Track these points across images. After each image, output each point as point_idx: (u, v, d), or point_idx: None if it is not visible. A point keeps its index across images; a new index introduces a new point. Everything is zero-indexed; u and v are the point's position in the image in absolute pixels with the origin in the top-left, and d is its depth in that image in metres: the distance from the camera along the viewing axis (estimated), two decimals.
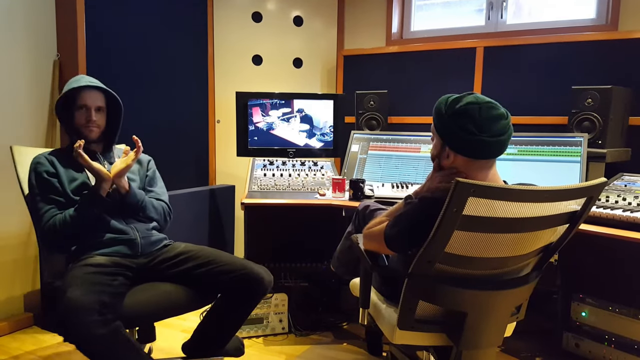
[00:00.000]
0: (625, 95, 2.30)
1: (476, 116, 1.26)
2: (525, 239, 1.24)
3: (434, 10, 3.32)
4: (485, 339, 1.34)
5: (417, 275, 1.25)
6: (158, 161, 2.04)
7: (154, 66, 2.88)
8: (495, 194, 1.12)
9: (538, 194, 1.14)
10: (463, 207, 1.10)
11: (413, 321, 1.32)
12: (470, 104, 1.28)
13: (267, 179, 2.59)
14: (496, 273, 1.30)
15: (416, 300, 1.30)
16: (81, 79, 1.74)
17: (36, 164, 1.65)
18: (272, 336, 2.34)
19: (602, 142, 2.19)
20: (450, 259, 1.22)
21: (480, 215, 1.13)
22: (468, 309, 1.27)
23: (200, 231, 2.96)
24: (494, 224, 1.17)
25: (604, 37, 2.47)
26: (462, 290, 1.26)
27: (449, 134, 1.31)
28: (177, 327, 2.41)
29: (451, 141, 1.31)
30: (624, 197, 1.86)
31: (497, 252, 1.23)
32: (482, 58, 2.76)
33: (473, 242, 1.20)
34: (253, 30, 3.27)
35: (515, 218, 1.16)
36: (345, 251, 1.98)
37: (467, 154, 1.30)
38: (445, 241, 1.17)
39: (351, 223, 2.01)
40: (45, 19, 2.42)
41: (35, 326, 2.39)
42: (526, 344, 2.19)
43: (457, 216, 1.11)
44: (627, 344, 1.89)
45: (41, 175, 1.64)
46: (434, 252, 1.19)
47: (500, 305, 1.34)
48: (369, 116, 2.92)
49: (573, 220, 1.28)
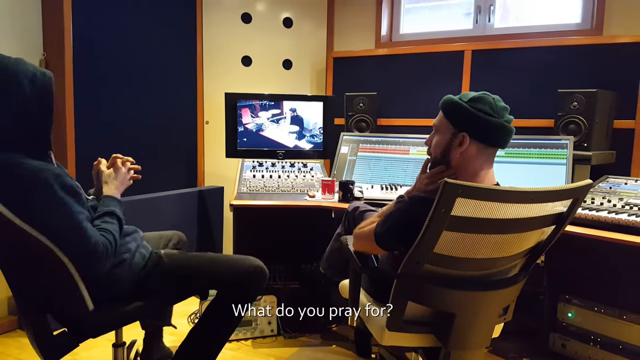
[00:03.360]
0: (610, 98, 2.34)
1: (492, 102, 1.33)
2: (513, 240, 1.25)
3: (422, 14, 3.34)
4: (473, 339, 1.35)
5: (406, 275, 1.25)
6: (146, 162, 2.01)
7: (142, 66, 2.85)
8: (483, 195, 1.13)
9: (524, 194, 1.15)
10: (451, 208, 1.11)
11: (402, 322, 1.33)
12: (483, 94, 1.35)
13: (257, 180, 2.58)
14: (485, 274, 1.31)
15: (405, 301, 1.30)
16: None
17: (57, 175, 1.29)
18: (261, 338, 2.33)
19: (588, 145, 2.22)
20: (439, 259, 1.23)
21: (468, 215, 1.14)
22: (457, 310, 1.28)
23: (189, 233, 2.93)
24: (482, 225, 1.18)
25: (589, 42, 2.51)
26: (451, 290, 1.27)
27: (468, 120, 1.33)
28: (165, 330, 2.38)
29: (471, 126, 1.33)
30: (609, 199, 1.89)
31: (486, 253, 1.24)
32: (470, 61, 2.79)
33: (461, 243, 1.21)
34: (242, 31, 3.26)
35: (503, 219, 1.18)
36: (334, 253, 1.98)
37: (484, 139, 1.33)
38: (434, 242, 1.17)
39: (340, 225, 2.01)
40: (32, 18, 2.38)
41: (19, 330, 2.35)
42: (513, 345, 2.20)
43: (445, 217, 1.12)
44: (613, 344, 1.91)
45: (73, 188, 1.32)
46: (423, 252, 1.20)
47: (489, 306, 1.35)
48: (359, 118, 2.93)
49: (559, 222, 1.30)
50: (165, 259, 1.55)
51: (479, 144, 1.34)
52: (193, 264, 1.59)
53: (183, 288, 1.56)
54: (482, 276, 1.31)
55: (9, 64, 1.26)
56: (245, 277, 1.56)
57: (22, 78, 1.26)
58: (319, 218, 2.35)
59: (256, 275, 1.57)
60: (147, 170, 1.95)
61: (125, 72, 2.75)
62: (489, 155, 1.37)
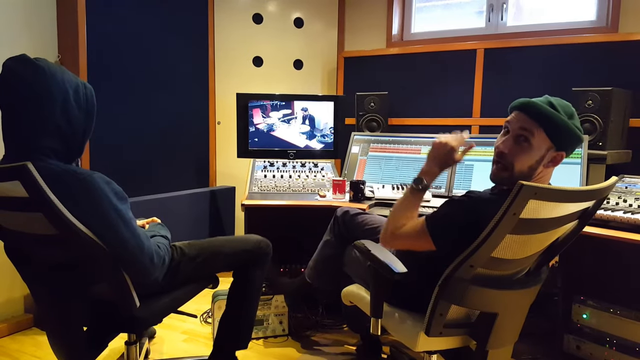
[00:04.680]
0: (626, 97, 2.30)
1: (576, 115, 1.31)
2: (545, 237, 1.25)
3: (434, 12, 3.32)
4: (507, 337, 1.35)
5: (452, 279, 1.20)
6: (159, 162, 2.03)
7: (154, 67, 2.88)
8: (554, 196, 1.12)
9: (584, 193, 1.18)
10: (522, 210, 1.08)
11: (442, 326, 1.28)
12: (569, 105, 1.31)
13: (268, 180, 2.58)
14: (518, 272, 1.32)
15: (449, 305, 1.25)
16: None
17: (108, 182, 1.28)
18: (272, 338, 2.34)
19: (603, 144, 2.19)
20: (492, 262, 1.19)
21: (531, 217, 1.12)
22: (500, 310, 1.27)
23: (201, 232, 2.96)
24: (540, 226, 1.17)
25: (604, 39, 2.47)
26: (497, 291, 1.25)
27: (572, 140, 1.29)
28: (178, 329, 2.41)
29: (572, 146, 1.31)
30: (625, 199, 1.86)
31: (528, 251, 1.24)
32: (482, 60, 2.77)
33: (514, 245, 1.18)
34: (254, 32, 3.28)
35: (553, 218, 1.17)
36: (327, 261, 1.93)
37: (569, 151, 1.32)
38: (495, 245, 1.13)
39: (328, 231, 1.95)
40: (46, 20, 2.42)
41: (35, 327, 2.39)
42: (527, 347, 2.18)
43: (514, 219, 1.09)
44: (629, 346, 1.88)
45: (123, 193, 1.31)
46: (481, 255, 1.15)
47: (525, 303, 1.36)
48: (370, 118, 2.92)
49: (583, 217, 1.30)
50: (186, 249, 1.61)
51: (566, 154, 1.32)
52: (211, 247, 1.69)
53: (210, 269, 1.68)
54: (517, 274, 1.32)
55: (57, 71, 1.27)
56: (257, 248, 1.76)
57: (68, 87, 1.27)
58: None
59: (264, 245, 1.79)
60: (159, 171, 1.96)
61: (138, 73, 2.78)
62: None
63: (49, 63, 1.26)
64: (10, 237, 1.33)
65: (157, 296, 1.49)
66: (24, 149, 1.23)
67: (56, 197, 1.15)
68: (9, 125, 1.25)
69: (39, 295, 1.43)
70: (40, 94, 1.22)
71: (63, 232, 1.19)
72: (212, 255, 1.66)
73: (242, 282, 1.77)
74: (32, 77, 1.22)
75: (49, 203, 1.13)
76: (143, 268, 1.31)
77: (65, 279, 1.33)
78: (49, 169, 1.20)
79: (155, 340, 2.27)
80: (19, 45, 2.30)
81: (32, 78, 1.22)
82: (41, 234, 1.22)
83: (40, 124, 1.24)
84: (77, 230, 1.18)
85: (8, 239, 1.37)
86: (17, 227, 1.28)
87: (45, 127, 1.24)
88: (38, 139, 1.23)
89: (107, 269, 1.28)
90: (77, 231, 1.18)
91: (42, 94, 1.23)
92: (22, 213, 1.22)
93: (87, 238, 1.20)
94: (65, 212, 1.16)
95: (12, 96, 1.23)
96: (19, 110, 1.23)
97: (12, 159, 1.21)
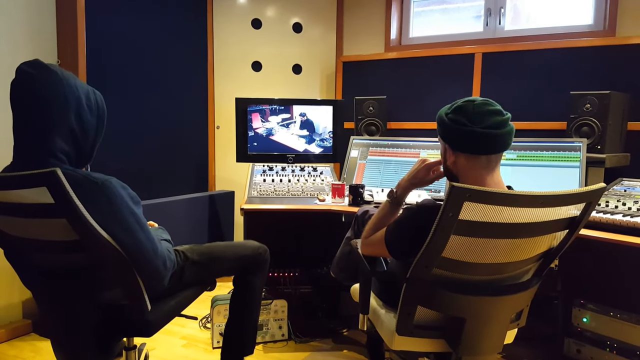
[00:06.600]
0: (624, 100, 2.31)
1: (469, 110, 1.29)
2: (523, 245, 1.24)
3: (432, 17, 3.33)
4: (484, 345, 1.33)
5: (415, 280, 1.24)
6: (158, 167, 2.04)
7: (154, 72, 2.88)
8: (491, 199, 1.11)
9: (533, 198, 1.13)
10: (459, 212, 1.10)
11: (412, 327, 1.32)
12: (466, 101, 1.32)
13: (267, 184, 2.58)
14: (495, 279, 1.30)
15: (414, 305, 1.29)
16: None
17: (124, 187, 1.28)
18: (272, 343, 2.33)
19: (601, 147, 2.20)
20: (448, 263, 1.21)
21: (476, 220, 1.13)
22: (466, 315, 1.27)
23: (200, 237, 2.95)
24: (491, 229, 1.16)
25: (601, 43, 2.48)
26: (460, 295, 1.26)
27: (446, 132, 1.33)
28: (177, 334, 2.40)
29: (449, 139, 1.33)
30: (624, 202, 1.86)
31: (495, 257, 1.23)
32: (480, 64, 2.77)
33: (471, 248, 1.19)
34: (253, 37, 3.29)
35: (513, 223, 1.16)
36: (344, 257, 1.97)
37: (462, 149, 1.31)
38: (442, 246, 1.16)
39: (350, 229, 2.00)
40: (46, 24, 2.42)
41: (34, 333, 2.37)
42: (527, 351, 2.17)
43: (453, 220, 1.11)
44: (629, 350, 1.88)
45: (137, 198, 1.32)
46: (431, 256, 1.19)
47: (500, 312, 1.33)
48: (368, 122, 2.92)
49: (572, 226, 1.27)
50: (188, 254, 1.62)
51: (463, 153, 1.31)
52: (212, 252, 1.71)
53: (212, 274, 1.71)
54: (493, 281, 1.30)
55: (70, 76, 1.27)
56: (257, 254, 1.78)
57: (81, 92, 1.28)
58: (329, 222, 2.35)
59: (262, 251, 1.81)
60: (158, 175, 1.97)
61: (137, 78, 2.78)
62: (487, 162, 1.31)
63: (61, 68, 1.27)
64: (17, 244, 1.31)
65: (162, 299, 1.49)
66: (36, 153, 1.23)
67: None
68: (22, 128, 1.25)
69: (45, 303, 1.41)
70: (56, 98, 1.23)
71: (85, 238, 1.18)
72: (213, 260, 1.67)
73: (242, 289, 1.79)
74: (47, 81, 1.23)
75: (75, 209, 1.13)
76: (157, 271, 1.31)
77: (77, 286, 1.32)
78: (69, 175, 1.19)
79: (155, 345, 2.26)
80: (19, 51, 2.31)
81: (48, 82, 1.23)
82: (58, 240, 1.21)
83: (56, 126, 1.24)
84: (98, 236, 1.18)
85: (12, 246, 1.35)
86: (23, 234, 1.26)
87: (60, 131, 1.24)
88: (53, 142, 1.23)
89: (122, 274, 1.28)
90: (98, 236, 1.18)
91: (57, 98, 1.23)
92: (40, 220, 1.21)
93: (107, 244, 1.20)
94: (89, 218, 1.16)
95: (28, 99, 1.23)
96: (35, 112, 1.23)
97: (23, 165, 1.21)
